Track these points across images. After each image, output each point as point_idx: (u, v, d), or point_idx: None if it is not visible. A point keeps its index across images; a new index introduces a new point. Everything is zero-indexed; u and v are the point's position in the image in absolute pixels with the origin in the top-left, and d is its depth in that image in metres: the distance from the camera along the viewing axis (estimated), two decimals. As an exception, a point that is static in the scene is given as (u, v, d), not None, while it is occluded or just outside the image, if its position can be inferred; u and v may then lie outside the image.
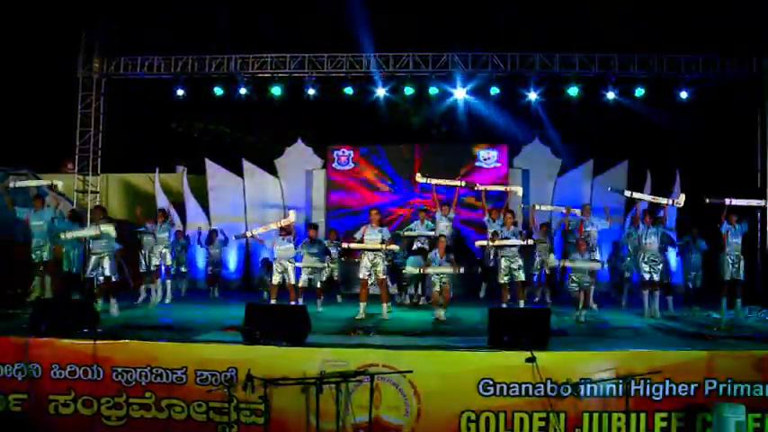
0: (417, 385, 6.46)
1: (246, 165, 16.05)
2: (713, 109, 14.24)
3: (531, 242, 10.06)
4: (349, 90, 14.29)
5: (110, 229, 9.51)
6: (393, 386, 6.48)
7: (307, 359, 6.60)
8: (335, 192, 15.50)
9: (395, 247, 9.90)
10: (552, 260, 10.50)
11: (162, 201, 15.86)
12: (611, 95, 14.03)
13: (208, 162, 16.03)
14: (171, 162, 18.09)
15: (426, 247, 10.91)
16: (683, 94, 13.85)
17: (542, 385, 6.31)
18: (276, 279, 9.98)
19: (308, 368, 6.50)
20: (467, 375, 6.42)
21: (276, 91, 14.49)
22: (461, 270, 9.42)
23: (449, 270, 9.37)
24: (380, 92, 14.50)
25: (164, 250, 10.89)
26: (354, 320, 9.16)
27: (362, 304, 9.49)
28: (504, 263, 9.69)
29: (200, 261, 14.77)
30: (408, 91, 14.20)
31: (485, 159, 15.17)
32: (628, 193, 10.67)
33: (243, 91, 14.69)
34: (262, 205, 15.80)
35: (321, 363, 6.53)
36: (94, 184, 15.46)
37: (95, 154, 15.30)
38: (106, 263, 9.70)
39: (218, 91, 14.61)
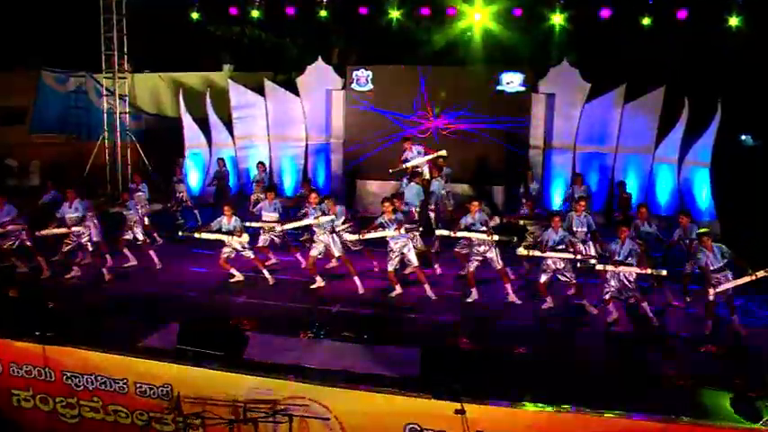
0: (344, 423, 6.22)
1: (268, 84, 15.50)
2: (763, 34, 11.90)
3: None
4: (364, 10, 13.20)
5: None
6: (320, 421, 6.26)
7: (235, 385, 6.45)
8: (354, 113, 14.70)
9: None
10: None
11: (187, 119, 15.52)
12: (647, 21, 12.16)
13: (230, 83, 15.66)
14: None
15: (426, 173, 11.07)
16: (733, 20, 11.69)
17: (472, 438, 5.85)
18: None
19: (236, 392, 6.39)
20: (394, 417, 6.06)
21: None
22: (420, 228, 9.54)
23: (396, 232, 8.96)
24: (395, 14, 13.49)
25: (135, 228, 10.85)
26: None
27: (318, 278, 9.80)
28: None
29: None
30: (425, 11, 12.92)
31: (507, 83, 13.72)
32: None
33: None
34: (284, 124, 15.49)
35: (248, 390, 6.37)
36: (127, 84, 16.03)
37: (121, 52, 15.52)
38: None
39: None
